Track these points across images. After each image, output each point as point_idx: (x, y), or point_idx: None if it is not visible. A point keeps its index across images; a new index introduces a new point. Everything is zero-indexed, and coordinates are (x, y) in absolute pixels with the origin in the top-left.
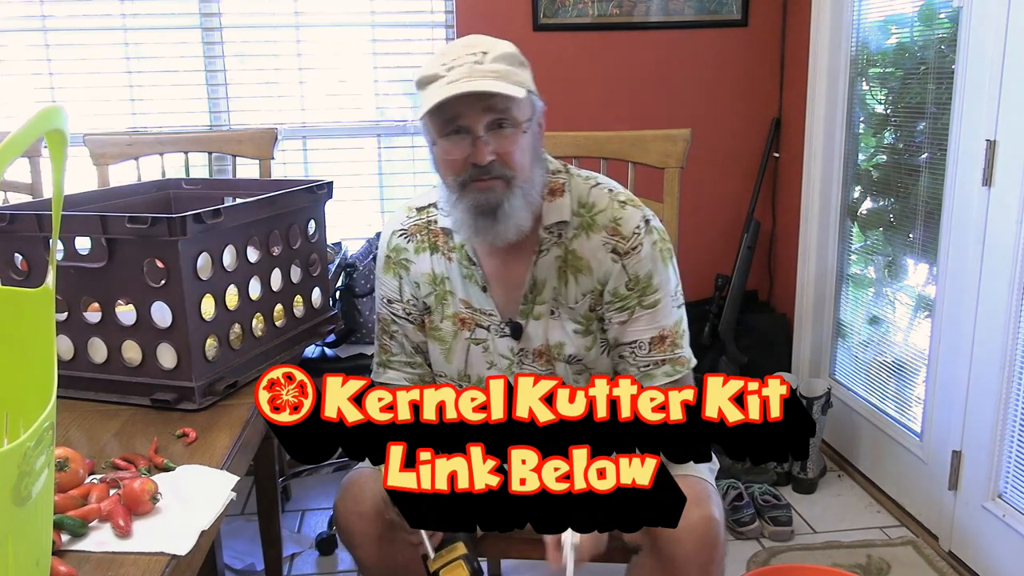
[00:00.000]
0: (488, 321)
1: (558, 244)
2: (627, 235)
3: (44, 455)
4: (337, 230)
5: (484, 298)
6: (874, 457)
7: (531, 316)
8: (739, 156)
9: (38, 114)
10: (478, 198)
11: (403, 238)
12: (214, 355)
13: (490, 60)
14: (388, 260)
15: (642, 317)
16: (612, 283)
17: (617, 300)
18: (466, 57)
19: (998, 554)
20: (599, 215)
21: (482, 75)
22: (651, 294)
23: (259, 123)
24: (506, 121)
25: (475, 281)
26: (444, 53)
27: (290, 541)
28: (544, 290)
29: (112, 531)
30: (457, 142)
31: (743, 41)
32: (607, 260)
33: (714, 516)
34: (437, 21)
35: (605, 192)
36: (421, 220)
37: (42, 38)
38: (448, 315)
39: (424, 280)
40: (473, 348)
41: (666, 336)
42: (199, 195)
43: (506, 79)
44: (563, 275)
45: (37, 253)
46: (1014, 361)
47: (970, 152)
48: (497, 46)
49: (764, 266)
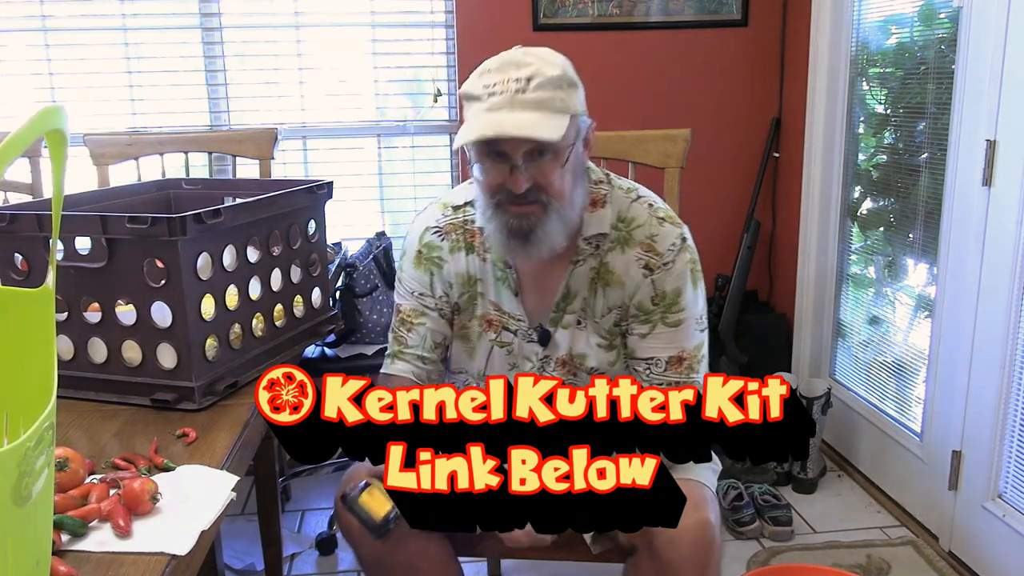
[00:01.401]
0: (516, 326)
1: (594, 256)
2: (662, 251)
3: (44, 455)
4: (337, 230)
5: (515, 302)
6: (874, 457)
7: (560, 324)
8: (739, 156)
9: (38, 114)
10: (512, 222)
11: (437, 235)
12: (214, 355)
13: (534, 87)
14: (419, 255)
15: (663, 334)
16: (639, 296)
17: (641, 314)
18: (510, 83)
19: (998, 554)
20: (636, 230)
21: (523, 106)
22: (675, 312)
23: (259, 123)
24: (546, 150)
25: (508, 285)
26: (489, 71)
27: (290, 541)
28: (575, 300)
29: (112, 531)
30: (495, 167)
31: (743, 41)
32: (638, 275)
33: (710, 520)
34: (437, 21)
35: (645, 207)
36: (457, 219)
37: (42, 38)
38: (477, 315)
39: (457, 280)
40: (496, 350)
41: (684, 358)
42: (199, 195)
43: (548, 109)
44: (594, 287)
45: (37, 253)
46: (1014, 361)
47: (970, 152)
48: (545, 67)
49: (764, 266)
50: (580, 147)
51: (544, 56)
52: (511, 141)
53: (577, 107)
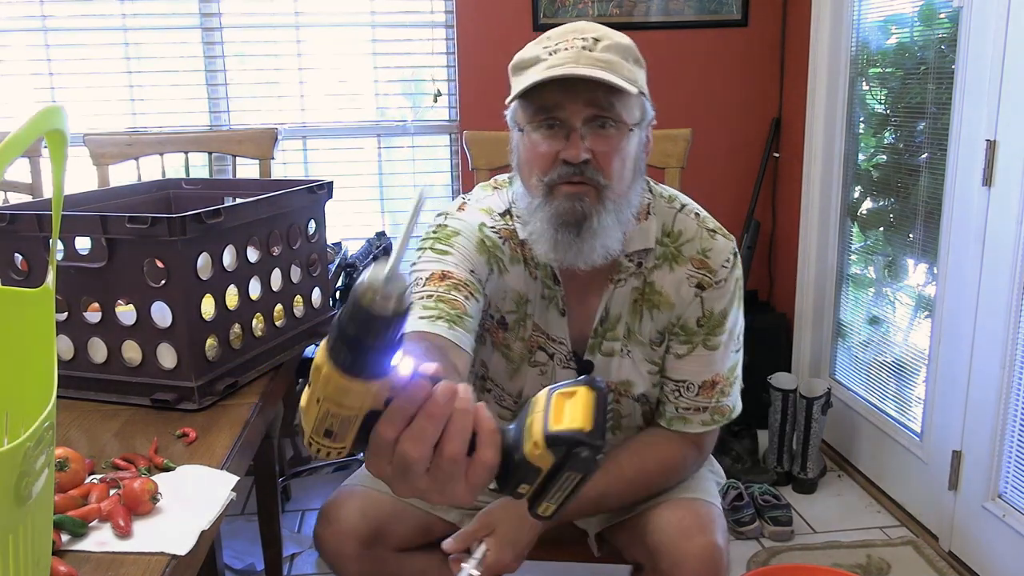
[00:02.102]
0: (554, 349)
1: (636, 275)
2: (715, 268)
3: (44, 455)
4: (337, 230)
5: (560, 324)
6: (874, 457)
7: (599, 351)
8: (739, 156)
9: (38, 114)
10: (563, 206)
11: (496, 236)
12: (214, 355)
13: (601, 48)
14: (483, 243)
15: (701, 357)
16: (686, 316)
17: (683, 333)
18: (575, 41)
19: (998, 554)
20: (686, 245)
21: (590, 63)
22: (718, 335)
23: (259, 123)
24: (609, 120)
25: (555, 304)
26: (549, 36)
27: (290, 541)
28: (617, 325)
29: (112, 531)
30: (550, 135)
31: (743, 41)
32: (690, 294)
33: (717, 543)
34: (437, 21)
35: (692, 218)
36: (508, 226)
37: (42, 38)
38: (523, 337)
39: (511, 296)
40: (529, 370)
41: (717, 382)
42: (199, 195)
43: (616, 72)
44: (637, 309)
45: (37, 253)
46: (1014, 361)
47: (970, 152)
48: (612, 35)
49: (764, 266)
50: (644, 136)
51: (608, 28)
52: (571, 105)
53: (644, 86)
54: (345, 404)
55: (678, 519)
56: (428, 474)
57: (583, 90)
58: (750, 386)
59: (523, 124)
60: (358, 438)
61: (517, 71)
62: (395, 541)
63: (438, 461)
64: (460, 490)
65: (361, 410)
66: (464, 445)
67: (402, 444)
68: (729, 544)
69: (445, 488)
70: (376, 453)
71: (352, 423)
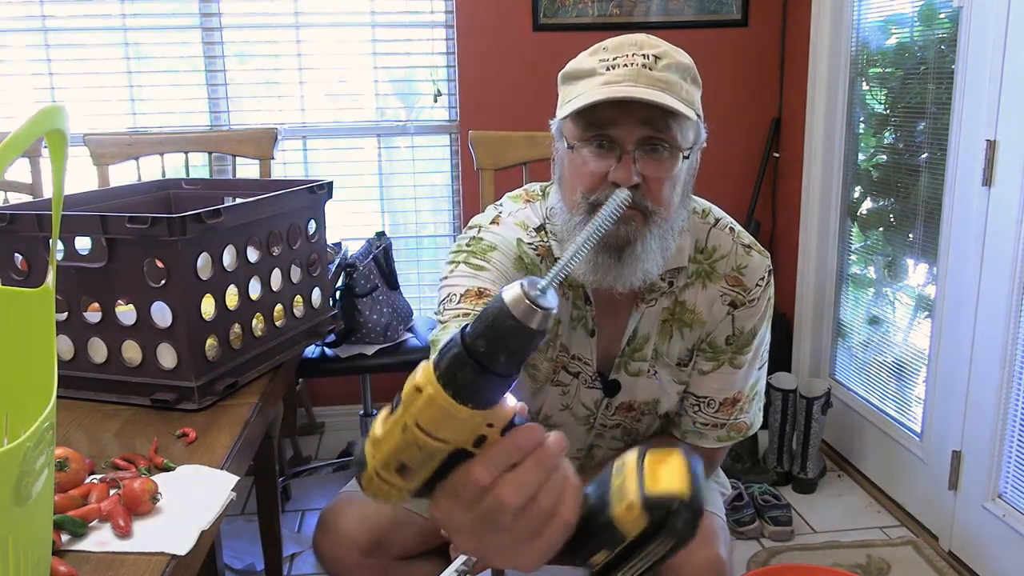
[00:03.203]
0: (579, 368)
1: (668, 294)
2: (750, 287)
3: (44, 455)
4: (337, 230)
5: (588, 344)
6: (874, 457)
7: (626, 371)
8: (739, 156)
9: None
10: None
11: (535, 253)
12: (214, 355)
13: (661, 67)
14: (520, 260)
15: (725, 375)
16: (715, 334)
17: (710, 350)
18: (636, 57)
19: (998, 554)
20: (720, 262)
21: (649, 82)
22: (745, 353)
23: (259, 123)
24: (663, 144)
25: (584, 324)
26: (607, 48)
27: (290, 541)
28: (645, 345)
29: (112, 531)
30: (600, 154)
31: (743, 41)
32: (722, 312)
33: (721, 556)
34: (437, 21)
35: (727, 234)
36: (544, 243)
37: (42, 38)
38: (549, 357)
39: None
40: (550, 389)
41: (738, 400)
42: (199, 195)
43: (676, 94)
44: (667, 330)
45: (37, 253)
46: (1014, 361)
47: (970, 152)
48: (673, 52)
49: None
50: (696, 160)
51: (668, 45)
52: (625, 126)
53: (700, 108)
54: (440, 435)
55: None
56: (511, 528)
57: (639, 110)
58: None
59: (572, 140)
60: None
61: (569, 80)
62: (396, 549)
63: (527, 513)
64: (533, 550)
65: (455, 444)
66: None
67: (501, 489)
68: (732, 556)
69: (520, 546)
70: (455, 496)
71: (434, 460)
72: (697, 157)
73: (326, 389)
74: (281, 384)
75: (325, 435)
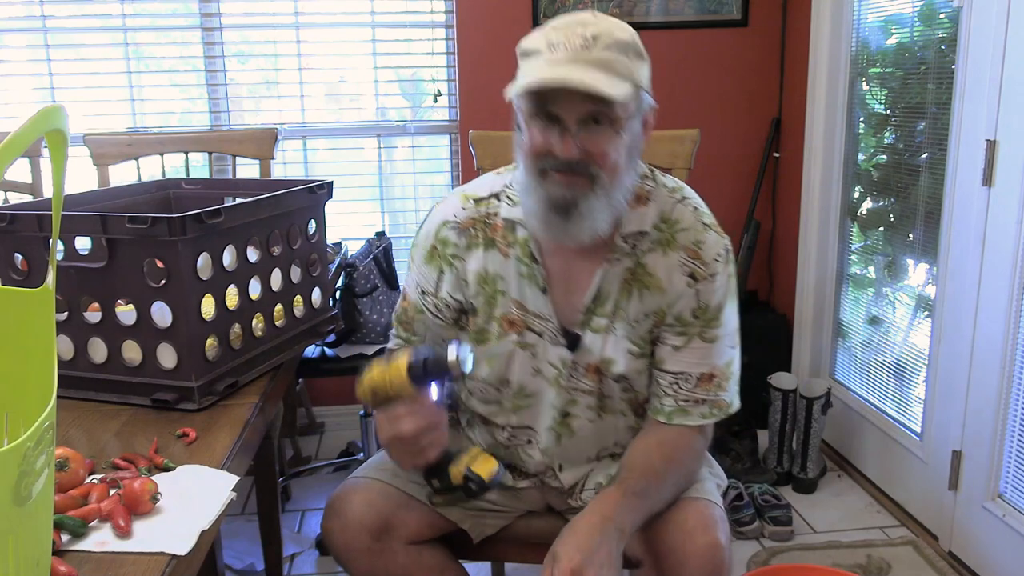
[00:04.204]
0: (542, 326)
1: (630, 255)
2: (707, 261)
3: (44, 455)
4: (337, 230)
5: (543, 301)
6: (874, 457)
7: (589, 327)
8: (739, 156)
9: (38, 114)
10: (554, 191)
11: (454, 231)
12: (214, 355)
13: (601, 47)
14: (433, 251)
15: (698, 349)
16: (679, 307)
17: (678, 325)
18: (575, 38)
19: (998, 554)
20: (681, 233)
21: (587, 63)
22: (714, 328)
23: (259, 123)
24: (603, 117)
25: (535, 281)
26: (554, 27)
27: (290, 541)
28: (607, 302)
29: (112, 531)
30: (545, 130)
31: (743, 41)
32: (681, 282)
33: (720, 543)
34: (437, 21)
35: (690, 210)
36: (479, 212)
37: (42, 38)
38: (496, 316)
39: (473, 279)
40: (519, 353)
41: (715, 375)
42: (199, 195)
43: (613, 71)
44: (628, 288)
45: (37, 253)
46: (1014, 361)
47: (970, 152)
48: (613, 31)
49: (764, 266)
50: (638, 126)
51: (613, 21)
52: (567, 102)
53: (642, 79)
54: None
55: (680, 519)
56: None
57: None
58: (750, 386)
59: (523, 114)
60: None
61: (522, 55)
62: (404, 533)
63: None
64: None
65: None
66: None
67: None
68: (732, 544)
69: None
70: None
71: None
72: (645, 117)
73: (326, 389)
74: (281, 384)
75: (325, 435)
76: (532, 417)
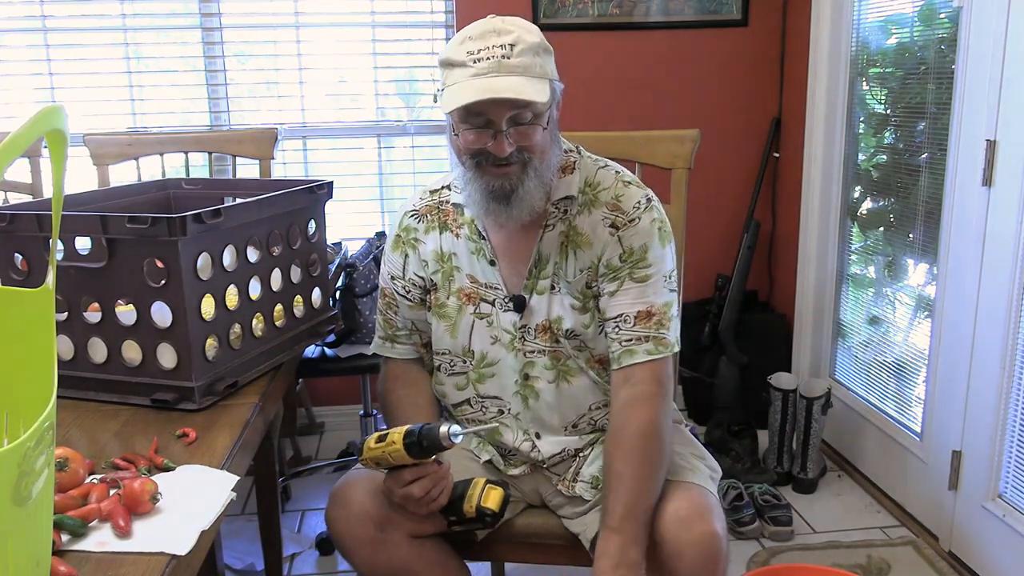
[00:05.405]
0: (493, 295)
1: (563, 220)
2: (627, 210)
3: (44, 455)
4: (337, 230)
5: (491, 272)
6: (874, 457)
7: (535, 291)
8: (739, 156)
9: (38, 114)
10: (493, 182)
11: (414, 218)
12: (214, 355)
13: (517, 53)
14: (398, 239)
15: (631, 289)
16: (607, 255)
17: (610, 272)
18: (495, 49)
19: (998, 554)
20: (603, 192)
21: (509, 71)
22: (643, 267)
23: (259, 123)
24: (527, 115)
25: (483, 255)
26: (471, 38)
27: (290, 541)
28: (547, 265)
29: (112, 531)
30: (479, 133)
31: (743, 41)
32: (605, 234)
33: (716, 531)
34: (437, 21)
35: (612, 173)
36: (433, 200)
37: (42, 38)
38: (454, 291)
39: (431, 258)
40: (477, 323)
41: (653, 313)
42: (199, 195)
43: (532, 74)
44: (564, 250)
45: (37, 253)
46: (1014, 361)
47: (970, 152)
48: (524, 35)
49: (764, 266)
50: (555, 110)
51: (521, 24)
52: (497, 107)
53: (553, 72)
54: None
55: (675, 509)
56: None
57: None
58: (750, 386)
59: (455, 122)
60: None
61: (445, 66)
62: (407, 526)
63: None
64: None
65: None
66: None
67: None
68: (727, 532)
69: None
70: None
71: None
72: (556, 106)
73: (326, 389)
74: (281, 384)
75: (325, 435)
76: (498, 386)
